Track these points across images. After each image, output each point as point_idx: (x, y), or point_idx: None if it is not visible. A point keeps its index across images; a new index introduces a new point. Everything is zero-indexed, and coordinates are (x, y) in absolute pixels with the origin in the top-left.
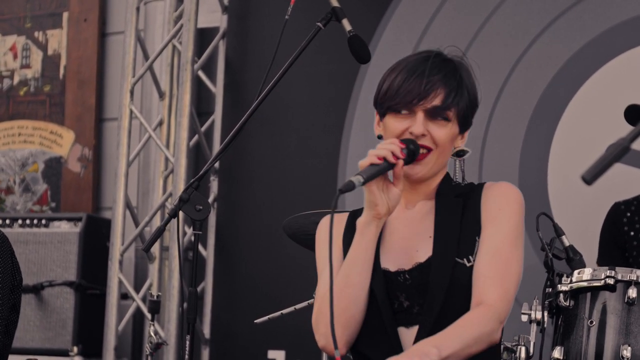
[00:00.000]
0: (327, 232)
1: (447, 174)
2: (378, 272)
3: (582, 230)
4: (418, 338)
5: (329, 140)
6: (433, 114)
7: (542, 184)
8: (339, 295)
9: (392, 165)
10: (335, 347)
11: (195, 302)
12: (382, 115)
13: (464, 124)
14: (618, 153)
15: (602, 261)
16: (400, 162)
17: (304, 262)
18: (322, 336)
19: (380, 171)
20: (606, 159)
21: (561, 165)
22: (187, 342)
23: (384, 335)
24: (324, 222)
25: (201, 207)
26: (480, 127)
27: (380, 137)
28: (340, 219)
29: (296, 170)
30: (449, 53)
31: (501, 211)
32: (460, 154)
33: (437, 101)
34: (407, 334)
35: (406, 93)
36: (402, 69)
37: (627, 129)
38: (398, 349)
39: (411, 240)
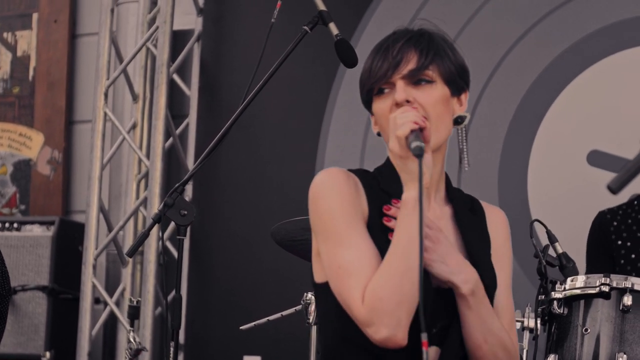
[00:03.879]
0: (349, 187)
1: (447, 175)
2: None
3: (564, 237)
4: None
5: (305, 145)
6: (412, 78)
7: (522, 189)
8: (401, 279)
9: (421, 130)
10: (424, 329)
11: (180, 308)
12: (370, 107)
13: (454, 85)
14: None
15: (591, 272)
16: (428, 123)
17: (280, 268)
18: (385, 327)
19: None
20: (632, 168)
21: (541, 170)
22: (172, 349)
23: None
24: (334, 175)
25: (186, 212)
26: None
27: (379, 135)
28: (352, 180)
29: (272, 174)
30: (421, 26)
31: (506, 247)
32: (459, 120)
33: (411, 64)
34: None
35: (378, 69)
36: (369, 56)
37: (607, 135)
38: None
39: None
